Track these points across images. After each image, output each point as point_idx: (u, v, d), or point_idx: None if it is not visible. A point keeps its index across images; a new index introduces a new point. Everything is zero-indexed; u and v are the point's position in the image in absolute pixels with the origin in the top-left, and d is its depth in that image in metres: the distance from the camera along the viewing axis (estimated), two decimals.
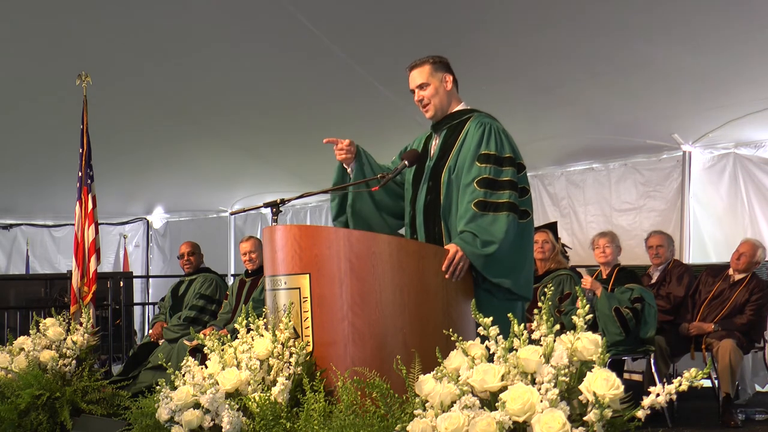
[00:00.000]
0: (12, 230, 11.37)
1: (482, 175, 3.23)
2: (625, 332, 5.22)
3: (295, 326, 3.07)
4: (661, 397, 2.25)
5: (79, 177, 5.86)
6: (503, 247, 3.14)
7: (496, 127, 3.33)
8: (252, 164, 8.82)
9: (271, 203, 3.41)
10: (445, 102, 3.47)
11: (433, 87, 3.44)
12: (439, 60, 3.47)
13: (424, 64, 3.45)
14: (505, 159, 3.27)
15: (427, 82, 3.44)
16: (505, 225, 3.16)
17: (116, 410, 4.29)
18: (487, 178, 3.22)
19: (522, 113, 6.80)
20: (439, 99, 3.45)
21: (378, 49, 5.89)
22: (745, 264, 5.69)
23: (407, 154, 3.49)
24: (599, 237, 5.77)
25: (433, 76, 3.44)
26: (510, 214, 3.18)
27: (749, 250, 5.72)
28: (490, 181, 3.22)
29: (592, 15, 5.26)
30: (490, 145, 3.28)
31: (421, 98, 3.46)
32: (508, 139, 3.32)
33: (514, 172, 3.27)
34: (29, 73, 6.32)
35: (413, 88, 3.48)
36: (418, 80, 3.45)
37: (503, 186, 3.22)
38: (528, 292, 3.28)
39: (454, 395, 2.40)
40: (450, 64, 3.51)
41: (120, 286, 8.38)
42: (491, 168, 3.24)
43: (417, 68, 3.46)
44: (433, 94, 3.44)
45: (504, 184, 3.23)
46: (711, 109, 6.46)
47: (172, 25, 5.69)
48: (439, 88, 3.44)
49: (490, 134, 3.29)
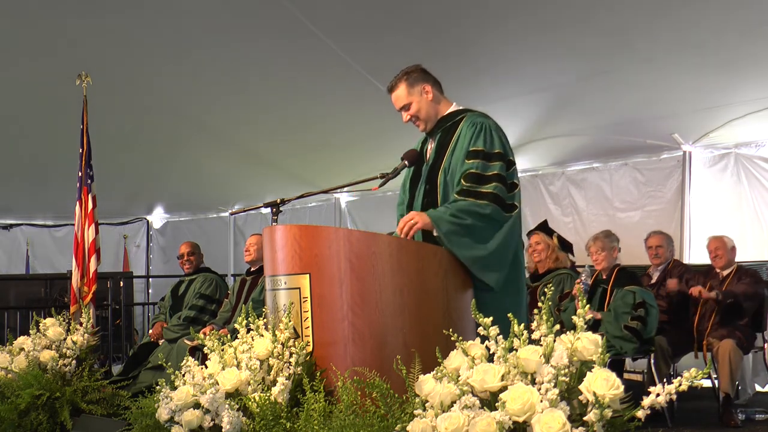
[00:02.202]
0: (12, 230, 11.36)
1: (469, 170, 3.24)
2: (639, 340, 5.25)
3: (295, 326, 3.07)
4: (661, 397, 2.25)
5: (79, 177, 5.86)
6: (474, 226, 3.12)
7: (488, 124, 3.33)
8: (252, 164, 8.82)
9: (271, 203, 3.42)
10: (432, 112, 3.47)
11: (416, 104, 3.44)
12: (412, 71, 3.45)
13: (399, 84, 3.44)
14: (494, 155, 3.27)
15: (408, 102, 3.44)
16: (484, 210, 3.15)
17: (116, 410, 4.29)
18: (474, 173, 3.23)
19: (522, 113, 6.80)
20: (425, 112, 3.45)
21: (379, 49, 5.89)
22: (724, 258, 5.73)
23: (407, 153, 3.50)
24: (591, 243, 5.74)
25: (411, 94, 3.43)
26: (490, 205, 3.17)
27: (719, 243, 5.77)
28: (477, 175, 3.23)
29: (593, 15, 5.26)
30: (479, 142, 3.28)
31: (408, 118, 3.48)
32: (499, 136, 3.32)
33: (502, 166, 3.26)
34: (29, 73, 6.31)
35: (398, 109, 3.50)
36: (399, 103, 3.47)
37: (490, 180, 3.22)
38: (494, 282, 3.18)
39: (454, 395, 2.40)
40: (424, 69, 3.47)
41: (120, 286, 8.39)
42: (479, 163, 3.25)
43: (394, 91, 3.46)
44: (417, 111, 3.45)
45: (491, 177, 3.23)
46: (711, 109, 6.46)
47: (172, 25, 5.69)
48: (421, 102, 3.44)
49: (481, 131, 3.30)
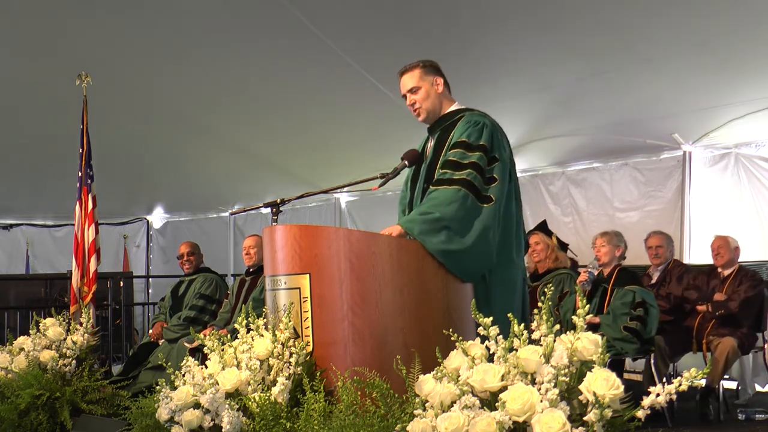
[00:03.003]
0: (12, 230, 11.37)
1: (448, 159, 3.25)
2: (639, 340, 5.25)
3: (295, 326, 3.07)
4: (661, 397, 2.25)
5: (79, 177, 5.86)
6: (443, 217, 3.07)
7: (482, 122, 3.33)
8: (252, 164, 8.82)
9: (271, 203, 3.43)
10: (437, 104, 3.48)
11: (424, 90, 3.46)
12: (429, 64, 3.50)
13: (414, 69, 3.48)
14: (476, 146, 3.25)
15: (418, 86, 3.46)
16: (450, 195, 3.12)
17: (116, 410, 4.29)
18: (451, 161, 3.24)
19: (522, 113, 6.80)
20: (430, 102, 3.47)
21: (379, 49, 5.89)
22: (726, 258, 5.74)
23: (406, 153, 3.51)
24: (597, 236, 5.80)
25: (424, 80, 3.46)
26: (461, 189, 3.13)
27: (722, 243, 5.78)
28: (453, 163, 3.22)
29: (593, 15, 5.26)
30: (464, 135, 3.29)
31: (413, 102, 3.49)
32: (490, 133, 3.29)
33: (481, 157, 3.23)
34: (29, 73, 6.31)
35: (404, 92, 3.52)
36: (409, 84, 3.48)
37: (465, 167, 3.20)
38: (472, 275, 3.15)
39: (454, 395, 2.40)
40: (440, 67, 3.52)
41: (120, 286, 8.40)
42: (458, 152, 3.25)
43: (407, 73, 3.49)
44: (424, 98, 3.46)
45: (467, 165, 3.20)
46: (711, 109, 6.46)
47: (172, 25, 5.69)
48: (430, 91, 3.47)
49: (470, 126, 3.31)
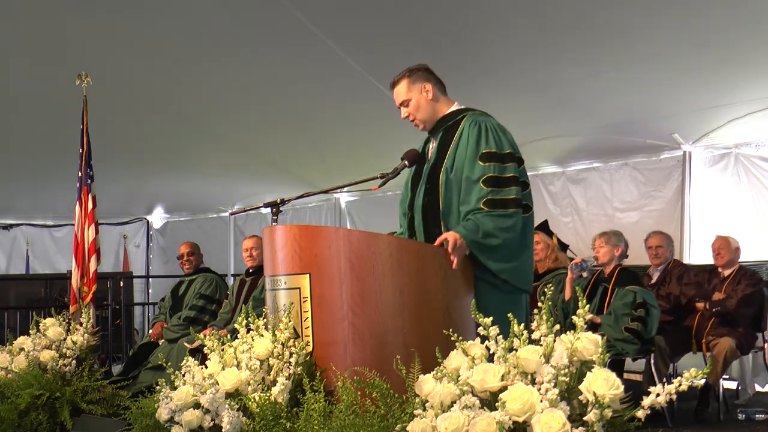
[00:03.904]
0: (12, 230, 11.37)
1: (487, 174, 3.26)
2: (640, 340, 5.25)
3: (295, 326, 3.07)
4: (661, 397, 2.25)
5: (79, 177, 5.85)
6: (507, 242, 3.19)
7: (492, 124, 3.36)
8: (252, 164, 8.81)
9: (271, 203, 3.43)
10: (431, 112, 3.48)
11: (415, 101, 3.46)
12: (415, 70, 3.48)
13: (401, 81, 3.48)
14: (506, 155, 3.30)
15: (407, 98, 3.47)
16: (512, 221, 3.22)
17: (116, 410, 4.29)
18: (492, 177, 3.26)
19: (522, 113, 6.79)
20: (423, 112, 3.47)
21: (379, 49, 5.88)
22: (726, 258, 5.75)
23: (407, 153, 3.51)
24: (596, 236, 5.82)
25: (412, 90, 3.46)
26: (518, 211, 3.24)
27: (723, 243, 5.78)
28: (495, 179, 3.26)
29: (593, 15, 5.26)
30: (490, 143, 3.30)
31: (407, 115, 3.50)
32: (505, 135, 3.36)
33: (515, 167, 3.31)
34: (29, 73, 6.31)
35: (397, 106, 3.53)
36: (399, 98, 3.50)
37: (509, 182, 3.27)
38: (528, 284, 3.33)
39: (454, 395, 2.40)
40: (429, 68, 3.50)
41: (120, 286, 8.39)
42: (495, 166, 3.27)
43: (396, 85, 3.50)
44: (416, 109, 3.47)
45: (509, 180, 3.27)
46: (711, 109, 6.45)
47: (172, 25, 5.68)
48: (420, 99, 3.46)
49: (487, 132, 3.32)
